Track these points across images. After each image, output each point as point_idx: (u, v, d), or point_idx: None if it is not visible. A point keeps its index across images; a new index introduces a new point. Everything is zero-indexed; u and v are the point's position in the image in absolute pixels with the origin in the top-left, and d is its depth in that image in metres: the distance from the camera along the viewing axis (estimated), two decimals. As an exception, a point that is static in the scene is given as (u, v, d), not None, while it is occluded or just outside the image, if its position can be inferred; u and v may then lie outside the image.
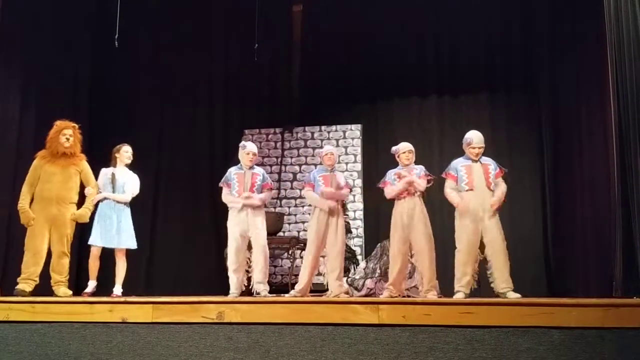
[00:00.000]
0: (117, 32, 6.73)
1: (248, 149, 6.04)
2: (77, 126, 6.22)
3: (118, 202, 6.22)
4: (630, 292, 5.07)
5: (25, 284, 5.82)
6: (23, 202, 5.97)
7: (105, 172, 6.33)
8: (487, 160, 5.63)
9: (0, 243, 7.18)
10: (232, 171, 6.07)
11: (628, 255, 5.28)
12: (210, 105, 9.54)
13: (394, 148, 5.94)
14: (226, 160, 9.32)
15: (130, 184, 6.35)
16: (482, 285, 5.62)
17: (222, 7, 9.39)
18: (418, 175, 5.73)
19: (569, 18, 7.86)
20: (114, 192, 6.22)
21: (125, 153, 6.42)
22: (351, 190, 6.55)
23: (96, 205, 6.20)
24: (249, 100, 9.46)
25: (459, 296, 5.31)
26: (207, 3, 9.28)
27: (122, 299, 4.88)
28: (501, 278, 5.33)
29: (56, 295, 5.84)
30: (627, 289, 5.20)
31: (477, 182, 5.51)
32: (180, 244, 9.08)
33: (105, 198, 6.19)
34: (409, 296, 6.10)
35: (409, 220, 5.64)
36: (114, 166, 6.39)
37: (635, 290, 5.03)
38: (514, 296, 5.20)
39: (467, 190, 5.51)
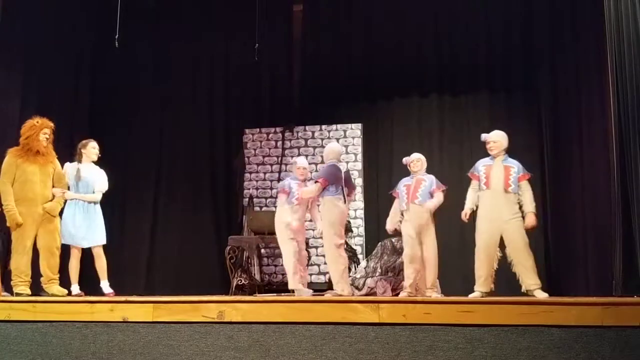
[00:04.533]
0: (117, 32, 6.73)
1: (299, 164, 6.46)
2: (53, 127, 6.10)
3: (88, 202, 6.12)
4: (630, 290, 5.07)
5: (25, 287, 5.79)
6: (11, 203, 5.77)
7: (70, 168, 6.17)
8: (511, 162, 5.65)
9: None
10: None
11: (627, 254, 5.28)
12: (210, 105, 9.54)
13: (405, 159, 6.19)
14: (227, 159, 9.38)
15: (98, 181, 6.23)
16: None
17: (222, 6, 9.39)
18: (430, 189, 5.92)
19: (569, 18, 7.85)
20: (77, 188, 6.09)
21: (92, 149, 6.25)
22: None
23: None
24: (250, 100, 9.45)
25: (475, 295, 5.45)
26: (207, 2, 9.28)
27: (123, 299, 4.89)
28: (527, 276, 5.41)
29: (48, 294, 5.81)
30: (627, 288, 5.20)
31: (494, 183, 5.55)
32: (181, 243, 9.08)
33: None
34: (409, 295, 6.10)
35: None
36: (79, 162, 6.21)
37: (634, 288, 5.03)
38: (542, 295, 5.26)
39: (484, 190, 5.59)
